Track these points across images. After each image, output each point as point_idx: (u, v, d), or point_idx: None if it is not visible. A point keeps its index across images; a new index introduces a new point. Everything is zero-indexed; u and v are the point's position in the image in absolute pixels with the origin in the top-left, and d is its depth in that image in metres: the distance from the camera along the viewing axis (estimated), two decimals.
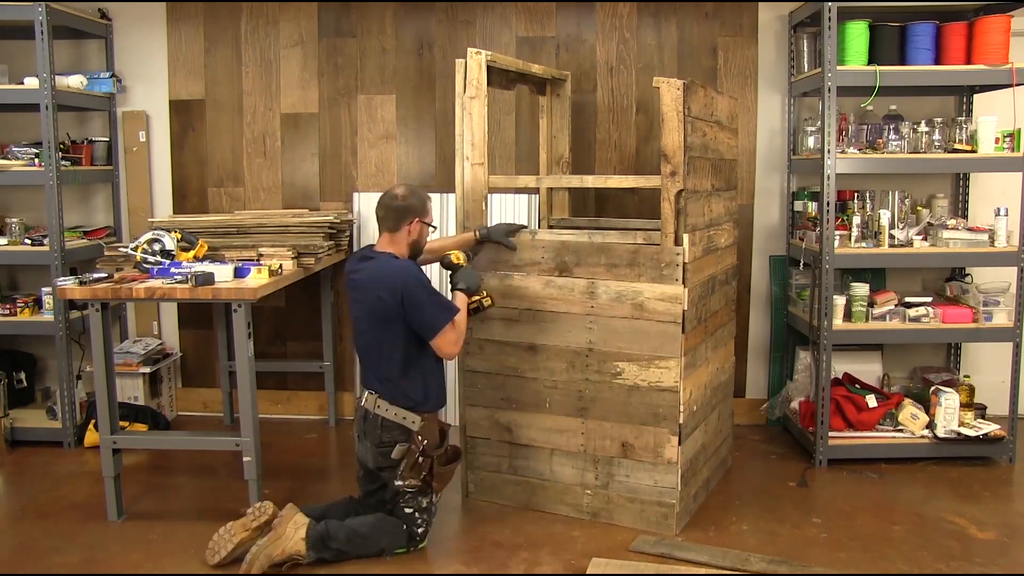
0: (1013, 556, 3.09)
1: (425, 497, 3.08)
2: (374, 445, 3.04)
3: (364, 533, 3.02)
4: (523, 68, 3.74)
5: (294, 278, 3.69)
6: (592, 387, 3.30)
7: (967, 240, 3.92)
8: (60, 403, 4.18)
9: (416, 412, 3.05)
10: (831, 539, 3.21)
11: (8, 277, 4.69)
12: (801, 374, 4.31)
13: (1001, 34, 3.79)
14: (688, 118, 3.11)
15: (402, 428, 3.03)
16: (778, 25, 4.44)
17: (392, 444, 3.02)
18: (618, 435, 3.28)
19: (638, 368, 3.21)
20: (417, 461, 3.01)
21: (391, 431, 3.03)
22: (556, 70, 4.17)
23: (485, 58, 3.36)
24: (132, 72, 4.64)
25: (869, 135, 4.05)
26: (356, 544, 3.00)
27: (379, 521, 3.06)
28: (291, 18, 4.56)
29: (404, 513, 3.06)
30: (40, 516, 3.43)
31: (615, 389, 3.26)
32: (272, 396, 4.73)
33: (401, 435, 3.03)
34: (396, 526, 3.06)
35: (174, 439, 4.10)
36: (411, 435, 3.02)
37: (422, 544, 3.12)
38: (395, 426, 3.03)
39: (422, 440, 3.02)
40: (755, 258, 4.56)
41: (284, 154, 4.65)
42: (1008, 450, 3.95)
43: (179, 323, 4.80)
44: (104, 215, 4.73)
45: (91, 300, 3.25)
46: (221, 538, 2.97)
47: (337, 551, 2.98)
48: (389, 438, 3.02)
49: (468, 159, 3.43)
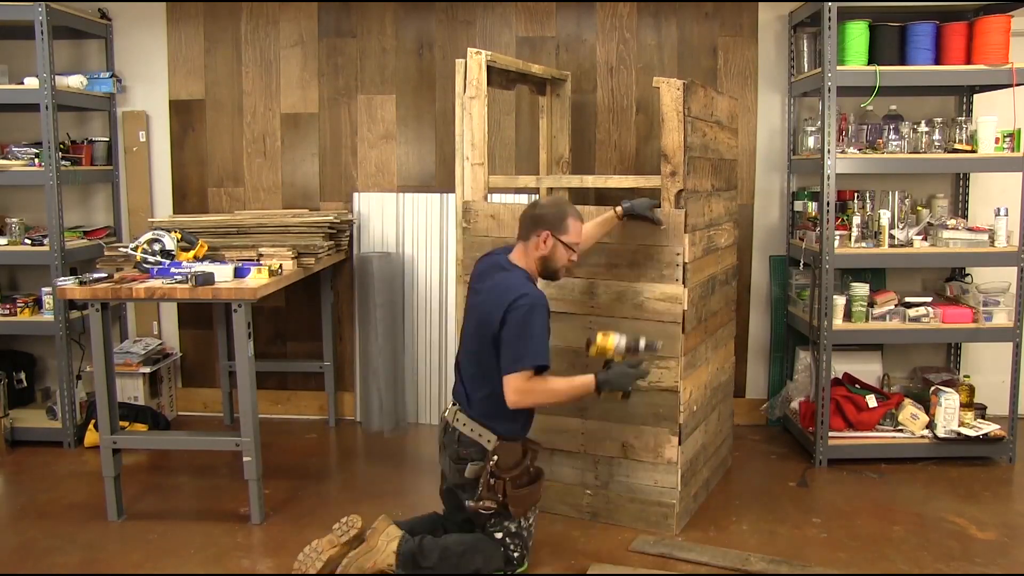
0: (1013, 556, 3.08)
1: (512, 522, 2.84)
2: (451, 460, 2.87)
3: (459, 552, 2.82)
4: (523, 68, 3.75)
5: (294, 278, 3.69)
6: None
7: (967, 240, 3.92)
8: (60, 403, 4.18)
9: (495, 432, 2.82)
10: (831, 539, 3.21)
11: (8, 277, 4.69)
12: (801, 374, 4.31)
13: (1001, 34, 3.79)
14: (688, 118, 3.11)
15: (478, 446, 2.82)
16: (778, 25, 4.44)
17: (467, 461, 2.83)
18: (618, 435, 3.27)
19: None
20: (490, 483, 2.78)
21: (468, 447, 2.83)
22: (556, 70, 4.17)
23: (485, 58, 3.36)
24: (132, 72, 4.64)
25: (869, 135, 4.05)
26: (450, 564, 2.80)
27: (476, 541, 2.85)
28: (291, 18, 4.56)
29: (495, 539, 2.85)
30: (40, 516, 3.43)
31: None
32: (272, 396, 4.73)
33: (477, 453, 2.82)
34: (494, 548, 2.84)
35: (174, 439, 4.10)
36: (486, 454, 2.81)
37: (521, 569, 2.89)
38: (471, 442, 2.83)
39: (495, 460, 2.79)
40: (755, 258, 4.56)
41: (284, 154, 4.65)
42: (1008, 450, 3.95)
43: (179, 323, 4.80)
44: (104, 215, 4.73)
45: (91, 300, 3.25)
46: (307, 557, 2.81)
47: (429, 570, 2.79)
48: (466, 453, 2.83)
49: (468, 159, 3.43)
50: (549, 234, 2.84)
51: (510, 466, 2.81)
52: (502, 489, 2.78)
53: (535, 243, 2.86)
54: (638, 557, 3.06)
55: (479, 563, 2.81)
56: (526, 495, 2.85)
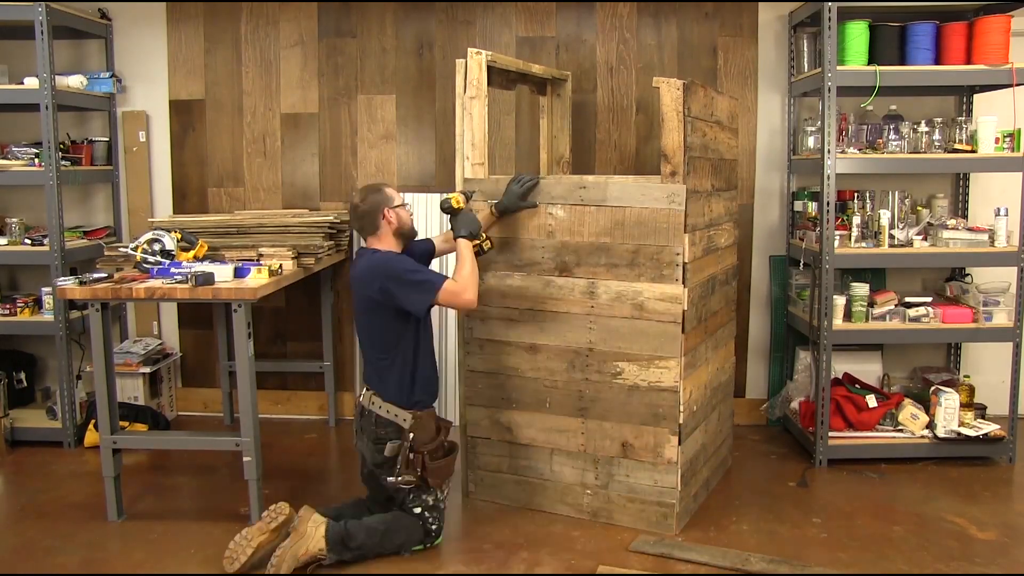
0: (1013, 556, 3.08)
1: (429, 495, 3.09)
2: (371, 441, 3.08)
3: (382, 531, 3.03)
4: (523, 68, 3.75)
5: (294, 278, 3.69)
6: (592, 387, 3.30)
7: (967, 240, 3.92)
8: (60, 403, 4.18)
9: (408, 410, 3.07)
10: (831, 539, 3.21)
11: (8, 277, 4.69)
12: (801, 374, 4.31)
13: (1001, 34, 3.79)
14: (688, 118, 3.11)
15: (395, 425, 3.05)
16: (778, 25, 4.44)
17: (386, 440, 3.04)
18: (618, 435, 3.28)
19: (638, 368, 3.21)
20: (409, 458, 3.02)
21: (385, 427, 3.06)
22: (556, 70, 4.17)
23: (485, 58, 3.36)
24: (132, 72, 4.64)
25: (869, 135, 4.05)
26: (375, 542, 3.01)
27: (395, 518, 3.08)
28: (291, 18, 4.56)
29: (414, 514, 3.08)
30: (40, 516, 3.42)
31: (615, 389, 3.26)
32: (272, 396, 4.73)
33: (394, 432, 3.05)
34: (413, 523, 3.08)
35: (174, 439, 4.10)
36: (403, 432, 3.04)
37: (438, 540, 3.14)
38: (388, 423, 3.05)
39: (412, 437, 3.03)
40: (755, 258, 4.56)
41: (284, 154, 4.65)
42: (1008, 450, 3.95)
43: (179, 323, 4.80)
44: (104, 215, 4.73)
45: (91, 300, 3.25)
46: (239, 545, 2.93)
47: (357, 550, 2.98)
48: (384, 433, 3.05)
49: (468, 159, 3.43)
50: (388, 208, 3.11)
51: (426, 441, 3.07)
52: (421, 463, 3.03)
53: (385, 225, 3.12)
54: (638, 557, 3.06)
55: (402, 538, 3.05)
56: (443, 466, 3.11)
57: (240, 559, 2.91)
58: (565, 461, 3.39)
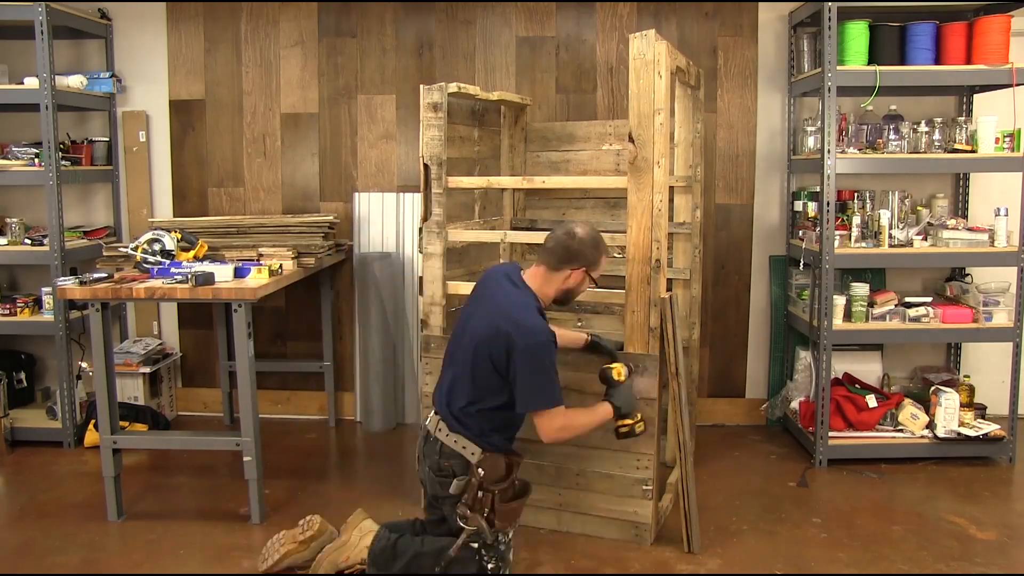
0: (1013, 556, 3.09)
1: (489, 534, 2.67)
2: (432, 471, 2.75)
3: (430, 563, 2.71)
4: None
5: (294, 278, 3.69)
6: None
7: (967, 240, 3.92)
8: (60, 403, 4.18)
9: (479, 444, 2.70)
10: (831, 539, 3.21)
11: (8, 277, 4.69)
12: (801, 374, 4.30)
13: (1001, 34, 3.79)
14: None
15: (462, 459, 2.70)
16: (778, 25, 4.44)
17: (450, 473, 2.70)
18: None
19: None
20: (477, 496, 2.65)
21: (450, 459, 2.71)
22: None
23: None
24: (132, 72, 4.64)
25: (869, 135, 4.04)
26: (423, 566, 2.71)
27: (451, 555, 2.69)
28: (291, 18, 4.56)
29: (470, 548, 2.67)
30: (40, 516, 3.42)
31: None
32: (272, 396, 4.73)
33: (459, 466, 2.70)
34: (469, 558, 2.68)
35: (174, 439, 4.10)
36: (470, 467, 2.69)
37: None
38: (454, 455, 2.70)
39: (482, 473, 2.67)
40: (755, 258, 4.56)
41: (284, 154, 4.65)
42: (1008, 450, 3.95)
43: (179, 323, 4.80)
44: (104, 215, 4.73)
45: (91, 300, 3.25)
46: (272, 546, 2.94)
47: (402, 571, 2.73)
48: (447, 465, 2.71)
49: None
50: (584, 270, 2.80)
51: (495, 480, 2.69)
52: (490, 503, 2.65)
53: (564, 275, 2.79)
54: (638, 557, 3.06)
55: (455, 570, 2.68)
56: (513, 509, 2.73)
57: (269, 561, 2.92)
58: None
